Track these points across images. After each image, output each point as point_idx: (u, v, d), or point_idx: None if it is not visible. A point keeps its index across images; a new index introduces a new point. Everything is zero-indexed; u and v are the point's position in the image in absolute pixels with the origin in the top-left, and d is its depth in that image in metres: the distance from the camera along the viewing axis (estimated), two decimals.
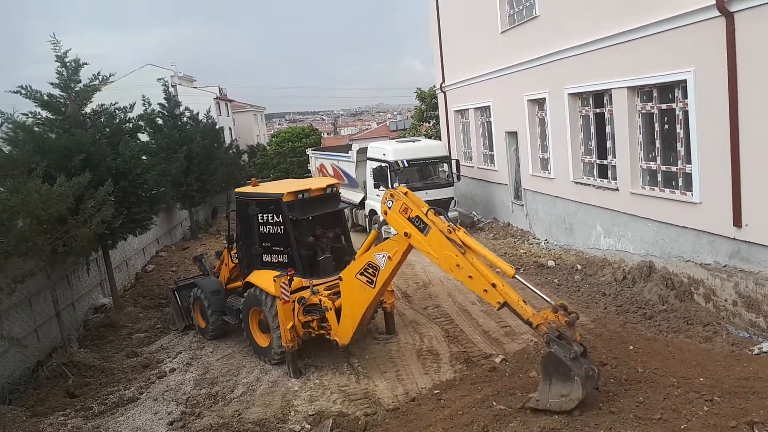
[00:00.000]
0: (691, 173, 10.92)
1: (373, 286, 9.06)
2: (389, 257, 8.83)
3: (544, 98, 16.12)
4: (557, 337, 7.14)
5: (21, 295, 10.74)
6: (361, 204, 20.78)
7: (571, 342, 7.09)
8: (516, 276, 7.88)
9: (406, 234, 8.47)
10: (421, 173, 19.37)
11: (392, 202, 8.61)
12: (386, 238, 9.49)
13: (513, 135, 18.75)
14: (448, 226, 8.13)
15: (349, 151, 22.21)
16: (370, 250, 9.28)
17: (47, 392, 9.91)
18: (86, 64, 13.19)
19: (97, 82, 13.39)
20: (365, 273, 9.09)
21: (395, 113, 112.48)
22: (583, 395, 6.79)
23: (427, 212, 8.30)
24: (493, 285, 7.66)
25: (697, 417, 6.53)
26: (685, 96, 10.84)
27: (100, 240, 12.47)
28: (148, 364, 11.10)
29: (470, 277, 7.87)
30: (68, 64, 12.89)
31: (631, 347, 9.19)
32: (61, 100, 13.00)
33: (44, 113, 13.05)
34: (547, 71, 15.65)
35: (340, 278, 9.62)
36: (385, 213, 8.76)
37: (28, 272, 9.66)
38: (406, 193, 8.60)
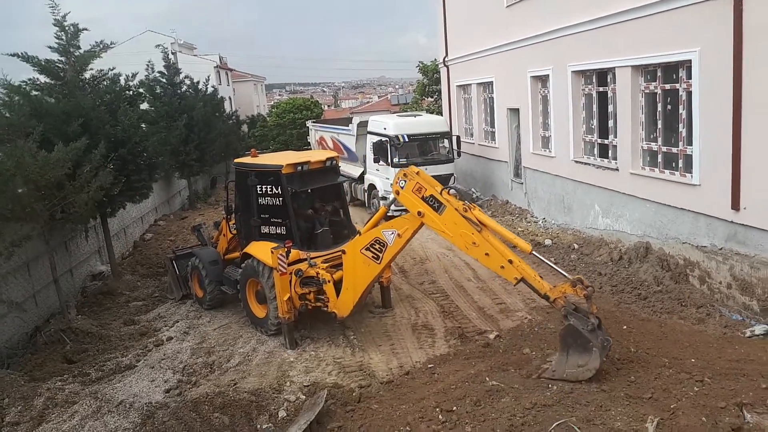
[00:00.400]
0: (691, 155, 10.89)
1: (378, 261, 9.13)
2: (399, 234, 8.88)
3: (548, 75, 15.98)
4: (574, 310, 7.46)
5: (19, 261, 10.77)
6: (361, 178, 20.73)
7: (587, 314, 7.37)
8: (533, 252, 8.13)
9: (419, 213, 8.53)
10: (422, 148, 19.30)
11: (405, 181, 8.67)
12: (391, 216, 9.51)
13: (515, 112, 18.64)
14: (464, 204, 8.23)
15: (350, 125, 22.08)
16: (378, 226, 9.28)
17: (45, 357, 9.99)
18: (86, 29, 13.03)
19: (97, 49, 13.24)
20: (371, 248, 9.13)
21: (397, 87, 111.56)
22: (599, 365, 7.11)
23: (441, 191, 8.41)
24: (510, 261, 7.85)
25: (687, 397, 6.61)
26: (689, 76, 10.75)
27: (98, 207, 12.47)
28: (146, 332, 11.18)
29: (487, 254, 8.01)
30: (67, 28, 12.72)
31: (625, 327, 9.26)
32: (60, 65, 12.86)
33: (42, 78, 12.93)
34: (551, 48, 15.49)
35: (343, 251, 9.64)
36: (397, 193, 8.79)
37: (25, 235, 9.67)
38: (417, 173, 8.65)
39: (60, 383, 8.90)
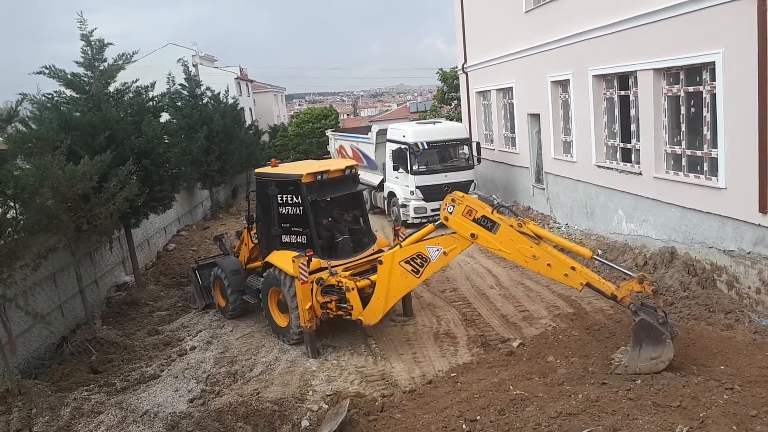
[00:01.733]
0: (716, 158, 10.70)
1: (418, 276, 9.19)
2: (445, 253, 8.95)
3: (568, 80, 15.87)
4: (641, 305, 7.82)
5: (46, 272, 10.95)
6: (380, 186, 20.74)
7: (655, 309, 7.76)
8: (594, 257, 8.47)
9: (472, 235, 8.61)
10: (441, 155, 19.26)
11: (453, 206, 8.76)
12: (419, 224, 9.50)
13: (535, 117, 18.52)
14: (518, 220, 8.45)
15: (369, 133, 22.14)
16: (422, 241, 9.28)
17: (71, 368, 10.12)
18: (111, 44, 13.25)
19: (121, 62, 13.46)
20: (412, 262, 9.16)
21: (416, 94, 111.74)
22: (672, 356, 7.44)
23: (492, 211, 8.56)
24: (572, 268, 8.06)
25: (717, 405, 6.46)
26: (713, 78, 10.58)
27: (122, 219, 12.64)
28: (169, 342, 11.28)
29: (549, 265, 8.19)
30: (93, 43, 12.95)
31: None
32: (86, 79, 13.09)
33: (68, 92, 13.18)
34: (571, 52, 15.38)
35: (379, 261, 9.59)
36: (446, 219, 8.86)
37: (51, 247, 9.83)
38: (463, 196, 8.80)
39: (86, 393, 9.00)
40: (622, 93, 13.85)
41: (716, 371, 7.48)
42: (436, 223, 9.42)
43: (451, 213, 8.78)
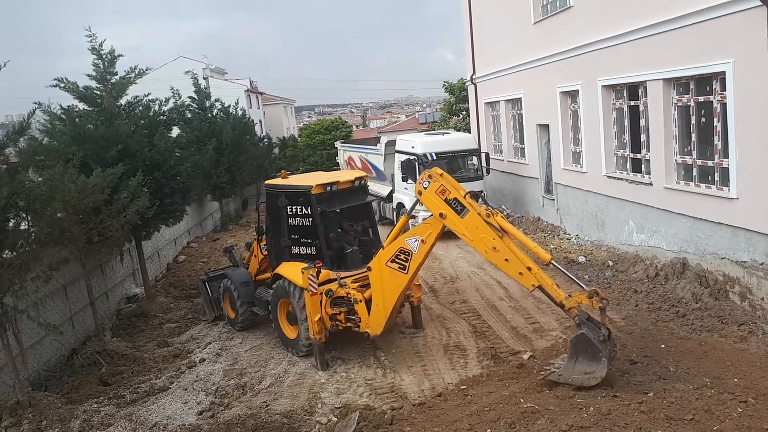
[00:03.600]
0: (728, 168, 10.62)
1: (405, 272, 9.13)
2: (422, 240, 8.93)
3: (577, 90, 15.85)
4: (587, 320, 7.80)
5: (57, 284, 11.01)
6: (389, 197, 20.75)
7: (599, 325, 7.69)
8: (552, 262, 8.31)
9: (441, 215, 8.61)
10: (450, 166, 19.21)
11: (429, 182, 8.73)
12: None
13: (544, 128, 18.50)
14: (487, 209, 8.39)
15: (378, 144, 22.18)
16: (399, 236, 9.30)
17: (81, 380, 10.16)
18: (121, 56, 13.38)
19: (132, 75, 13.59)
20: (397, 260, 9.16)
21: (424, 105, 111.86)
22: (605, 374, 7.46)
23: (465, 195, 8.54)
24: (529, 268, 8.03)
25: (731, 419, 6.38)
26: (723, 88, 10.53)
27: (133, 231, 12.70)
28: (179, 354, 11.29)
29: (506, 260, 8.19)
30: (104, 56, 13.08)
31: (663, 346, 9.02)
32: (98, 92, 13.21)
33: (81, 105, 13.31)
34: (580, 63, 15.38)
35: (368, 268, 9.62)
36: (420, 193, 8.86)
37: (63, 259, 9.89)
38: (442, 175, 8.74)
39: (96, 405, 9.02)
40: (632, 103, 13.81)
41: (730, 384, 7.38)
42: (408, 213, 9.59)
43: (425, 189, 8.76)
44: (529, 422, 6.84)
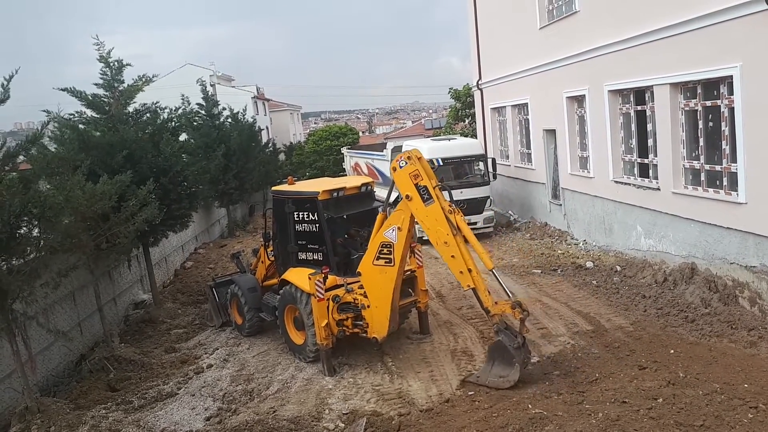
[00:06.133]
0: (736, 172, 10.57)
1: (392, 264, 9.31)
2: (399, 228, 9.20)
3: (584, 95, 15.84)
4: (505, 328, 8.55)
5: (65, 290, 11.06)
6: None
7: (516, 334, 8.46)
8: (493, 271, 8.88)
9: (407, 197, 8.99)
10: (457, 172, 19.22)
11: (406, 163, 9.02)
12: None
13: (551, 133, 18.48)
14: (450, 205, 8.80)
15: (384, 150, 22.23)
16: (378, 232, 9.50)
17: (90, 385, 10.17)
18: (129, 65, 13.49)
19: (140, 83, 13.69)
20: (381, 255, 9.36)
21: (431, 111, 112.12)
22: (518, 378, 8.29)
23: (435, 186, 8.92)
24: (469, 270, 8.61)
25: (741, 425, 6.34)
26: (731, 92, 10.50)
27: (141, 237, 12.75)
28: (186, 360, 11.30)
29: (453, 256, 8.71)
30: (112, 64, 13.19)
31: (672, 351, 8.97)
32: (105, 99, 13.31)
33: (89, 112, 13.42)
34: (586, 68, 15.37)
35: (358, 274, 9.74)
36: (394, 170, 9.15)
37: (72, 266, 9.96)
38: (420, 159, 9.05)
39: (104, 411, 9.04)
40: (639, 108, 13.79)
41: (740, 389, 7.32)
42: (386, 209, 9.79)
43: (401, 167, 9.04)
44: (537, 428, 6.81)
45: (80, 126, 12.67)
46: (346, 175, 26.67)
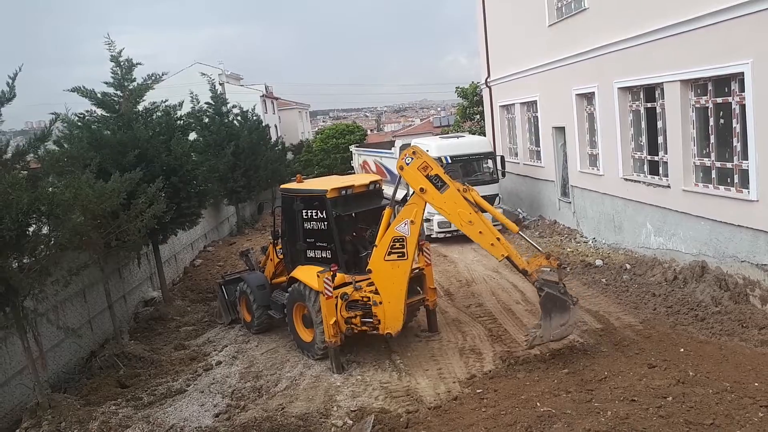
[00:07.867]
0: (747, 170, 10.49)
1: (405, 257, 9.52)
2: (412, 221, 9.44)
3: (593, 92, 15.75)
4: (545, 282, 8.76)
5: (76, 288, 11.14)
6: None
7: (556, 282, 8.77)
8: (520, 233, 9.59)
9: (421, 189, 9.21)
10: (465, 170, 19.19)
11: (412, 159, 9.31)
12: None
13: (560, 130, 18.40)
14: (463, 186, 9.21)
15: (392, 148, 22.20)
16: (389, 227, 9.61)
17: (100, 382, 10.25)
18: (140, 64, 13.55)
19: (149, 81, 13.74)
20: (393, 250, 9.54)
21: (439, 109, 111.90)
22: (578, 319, 8.83)
23: (445, 172, 9.27)
24: (498, 239, 8.97)
25: (752, 423, 6.30)
26: (742, 89, 10.41)
27: (150, 235, 12.81)
28: (195, 357, 11.36)
29: (481, 232, 9.02)
30: (122, 63, 13.25)
31: (682, 350, 8.92)
32: (115, 98, 13.39)
33: (99, 111, 13.50)
34: (596, 65, 15.29)
35: (369, 271, 9.84)
36: (401, 168, 9.41)
37: (83, 264, 10.03)
38: (423, 152, 9.37)
39: (114, 407, 9.09)
40: (649, 105, 13.70)
41: (750, 388, 7.27)
42: (393, 205, 9.90)
43: (408, 164, 9.30)
44: (546, 426, 6.79)
45: (92, 126, 12.74)
46: (354, 173, 26.67)
